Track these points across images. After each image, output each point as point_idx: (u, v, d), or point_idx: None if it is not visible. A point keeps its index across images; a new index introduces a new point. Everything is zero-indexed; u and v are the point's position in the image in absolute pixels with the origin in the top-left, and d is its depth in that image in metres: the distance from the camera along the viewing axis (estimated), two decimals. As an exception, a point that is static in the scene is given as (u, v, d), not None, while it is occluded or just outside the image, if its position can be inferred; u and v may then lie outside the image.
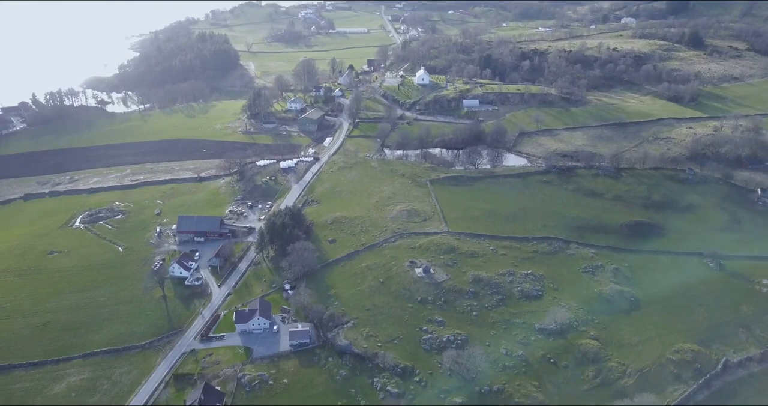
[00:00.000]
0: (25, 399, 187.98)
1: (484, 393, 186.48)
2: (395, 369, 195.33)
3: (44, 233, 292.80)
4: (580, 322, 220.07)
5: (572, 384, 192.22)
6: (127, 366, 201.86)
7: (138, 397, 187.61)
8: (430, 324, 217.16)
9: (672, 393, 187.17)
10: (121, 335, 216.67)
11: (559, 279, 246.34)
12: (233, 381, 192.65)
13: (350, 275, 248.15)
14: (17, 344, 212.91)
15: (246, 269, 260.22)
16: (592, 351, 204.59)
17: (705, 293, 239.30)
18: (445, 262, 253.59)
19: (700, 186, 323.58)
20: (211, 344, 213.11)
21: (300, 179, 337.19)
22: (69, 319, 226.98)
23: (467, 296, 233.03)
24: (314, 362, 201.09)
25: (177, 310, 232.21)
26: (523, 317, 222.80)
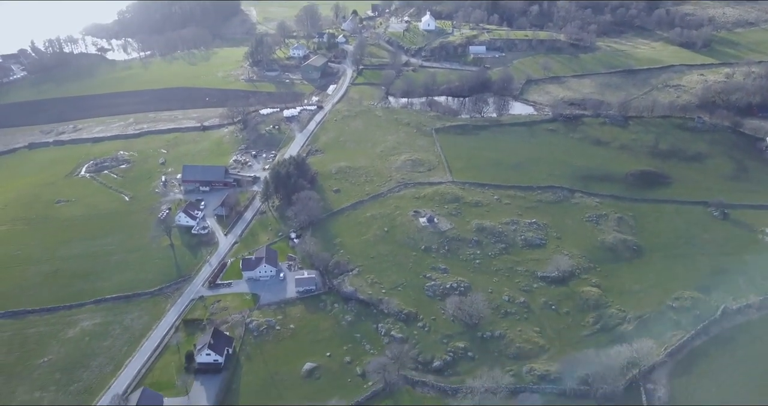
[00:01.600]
0: (41, 343, 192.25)
1: (485, 338, 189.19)
2: (399, 315, 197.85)
3: (50, 182, 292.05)
4: (582, 270, 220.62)
5: (572, 330, 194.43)
6: (137, 312, 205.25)
7: (149, 341, 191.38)
8: (433, 272, 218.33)
9: (670, 339, 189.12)
10: (131, 282, 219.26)
11: (562, 228, 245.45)
12: (241, 326, 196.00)
13: (355, 225, 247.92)
14: (30, 291, 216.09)
15: (252, 217, 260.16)
16: (593, 298, 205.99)
17: (708, 242, 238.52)
18: (449, 211, 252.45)
19: (708, 134, 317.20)
20: (218, 291, 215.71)
21: (304, 128, 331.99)
22: (79, 266, 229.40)
23: (471, 245, 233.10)
24: (320, 308, 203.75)
25: (184, 258, 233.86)
26: (525, 265, 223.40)
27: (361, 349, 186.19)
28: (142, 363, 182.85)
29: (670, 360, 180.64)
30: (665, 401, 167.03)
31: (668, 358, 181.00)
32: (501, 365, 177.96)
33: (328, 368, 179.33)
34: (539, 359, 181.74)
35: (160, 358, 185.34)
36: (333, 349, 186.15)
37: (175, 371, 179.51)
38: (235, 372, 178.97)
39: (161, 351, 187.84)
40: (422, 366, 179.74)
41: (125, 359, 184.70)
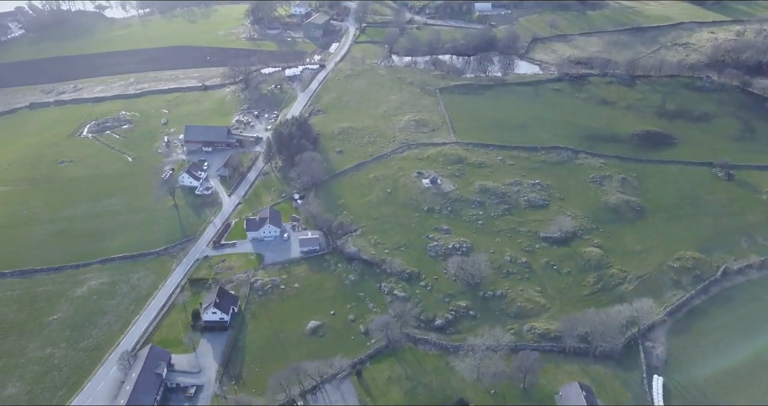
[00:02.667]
0: (50, 301, 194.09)
1: (487, 298, 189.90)
2: (402, 274, 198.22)
3: (53, 142, 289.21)
4: (585, 230, 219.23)
5: (573, 289, 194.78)
6: (143, 271, 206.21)
7: (156, 300, 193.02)
8: (436, 232, 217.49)
9: (670, 298, 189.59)
10: (136, 242, 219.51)
11: (565, 189, 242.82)
12: (246, 286, 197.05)
13: (358, 186, 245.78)
14: (37, 250, 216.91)
15: (255, 178, 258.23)
16: (595, 259, 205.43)
17: (711, 203, 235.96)
18: (453, 172, 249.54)
19: (716, 94, 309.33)
20: (223, 251, 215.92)
21: (306, 88, 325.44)
22: (85, 226, 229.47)
23: (473, 206, 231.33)
24: (324, 268, 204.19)
25: (189, 218, 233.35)
26: (528, 225, 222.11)
27: (365, 307, 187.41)
28: (149, 321, 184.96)
29: (670, 319, 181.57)
30: (663, 359, 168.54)
31: (667, 317, 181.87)
32: (502, 323, 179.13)
33: (331, 326, 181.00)
34: (540, 318, 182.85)
35: (167, 316, 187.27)
36: (337, 307, 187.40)
37: (182, 328, 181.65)
38: (240, 330, 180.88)
39: (168, 310, 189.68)
40: (424, 324, 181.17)
41: (133, 317, 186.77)
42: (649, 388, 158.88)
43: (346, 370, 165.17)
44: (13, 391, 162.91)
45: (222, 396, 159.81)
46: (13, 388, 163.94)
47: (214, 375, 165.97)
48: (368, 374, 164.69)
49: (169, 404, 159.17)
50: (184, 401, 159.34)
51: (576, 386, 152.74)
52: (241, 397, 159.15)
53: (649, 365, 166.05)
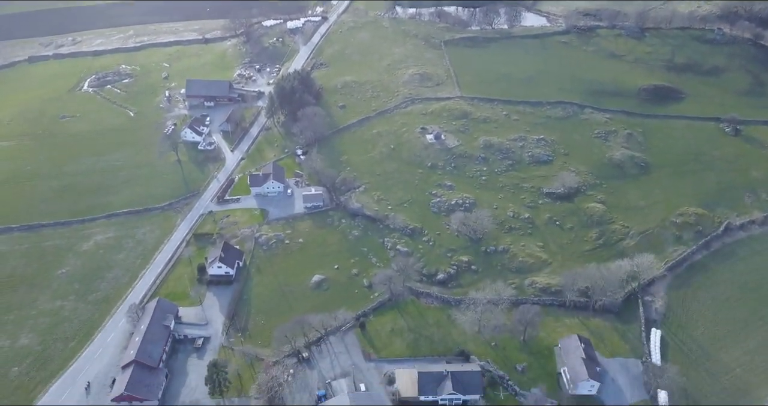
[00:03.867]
0: (58, 255, 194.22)
1: (489, 253, 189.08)
2: (405, 230, 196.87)
3: (54, 97, 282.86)
4: (588, 186, 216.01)
5: (575, 245, 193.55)
6: (149, 226, 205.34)
7: (162, 254, 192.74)
8: (439, 188, 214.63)
9: (671, 254, 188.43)
10: (141, 198, 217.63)
11: (570, 144, 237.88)
12: (251, 241, 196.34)
13: (361, 142, 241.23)
14: (42, 205, 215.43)
15: (257, 134, 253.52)
16: (598, 214, 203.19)
17: (717, 158, 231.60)
18: (457, 128, 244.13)
19: (727, 47, 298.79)
20: (227, 206, 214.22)
21: (308, 41, 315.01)
22: (89, 182, 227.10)
23: (477, 161, 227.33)
24: (328, 224, 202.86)
25: (192, 174, 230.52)
26: (531, 181, 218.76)
27: (368, 262, 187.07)
28: (156, 275, 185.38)
29: (670, 274, 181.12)
30: (662, 313, 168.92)
31: (668, 272, 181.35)
32: (503, 278, 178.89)
33: (335, 280, 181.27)
34: (541, 273, 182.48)
35: (173, 270, 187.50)
36: (341, 262, 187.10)
37: (188, 282, 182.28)
38: (246, 284, 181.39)
39: (174, 264, 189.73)
40: (427, 278, 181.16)
41: (140, 271, 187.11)
42: (647, 341, 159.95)
43: (349, 322, 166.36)
44: (26, 342, 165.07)
45: (229, 347, 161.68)
46: (25, 339, 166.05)
47: (221, 327, 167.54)
48: (371, 326, 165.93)
49: (178, 354, 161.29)
50: (192, 352, 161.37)
51: (575, 339, 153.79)
52: (248, 348, 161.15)
53: (647, 318, 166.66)
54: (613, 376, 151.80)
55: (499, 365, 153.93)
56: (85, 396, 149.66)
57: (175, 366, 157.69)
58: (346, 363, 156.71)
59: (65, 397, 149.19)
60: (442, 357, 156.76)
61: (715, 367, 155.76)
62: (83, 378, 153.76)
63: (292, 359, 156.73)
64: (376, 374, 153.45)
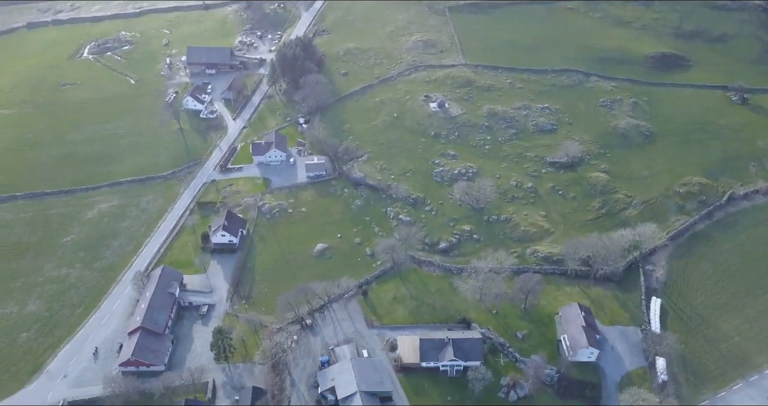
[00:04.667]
0: (62, 223, 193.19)
1: (491, 222, 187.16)
2: (407, 199, 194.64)
3: (54, 64, 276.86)
4: (592, 156, 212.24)
5: (578, 214, 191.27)
6: (152, 195, 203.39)
7: (166, 223, 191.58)
8: (442, 158, 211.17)
9: (674, 223, 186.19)
10: (144, 166, 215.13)
11: (575, 113, 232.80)
12: (254, 209, 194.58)
13: (364, 110, 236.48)
14: (46, 174, 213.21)
15: (259, 102, 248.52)
16: (601, 183, 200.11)
17: (722, 128, 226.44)
18: (461, 96, 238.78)
19: (737, 13, 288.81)
20: (230, 175, 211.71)
21: (310, 7, 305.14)
22: (91, 150, 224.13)
23: (481, 130, 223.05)
24: (330, 193, 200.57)
25: (194, 142, 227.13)
26: (535, 150, 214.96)
27: (371, 231, 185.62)
28: (160, 243, 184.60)
29: (672, 243, 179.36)
30: (662, 282, 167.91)
31: (670, 241, 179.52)
32: (505, 247, 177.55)
33: (339, 249, 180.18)
34: (543, 242, 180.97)
35: (177, 238, 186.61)
36: (343, 231, 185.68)
37: (192, 250, 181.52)
38: (249, 252, 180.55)
39: (178, 232, 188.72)
40: (429, 247, 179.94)
41: (144, 239, 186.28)
42: (646, 309, 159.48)
43: (352, 290, 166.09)
44: (34, 308, 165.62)
45: (233, 314, 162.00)
46: (33, 305, 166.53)
47: (225, 295, 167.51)
48: (374, 294, 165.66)
49: (183, 321, 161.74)
50: (197, 319, 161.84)
51: (575, 307, 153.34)
52: (252, 315, 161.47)
53: (648, 287, 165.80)
54: (613, 344, 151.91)
55: (499, 332, 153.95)
56: (93, 361, 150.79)
57: (181, 332, 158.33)
58: (349, 330, 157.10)
59: (73, 362, 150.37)
60: (443, 324, 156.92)
61: (714, 335, 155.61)
62: (91, 344, 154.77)
63: (296, 326, 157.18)
64: (378, 341, 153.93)
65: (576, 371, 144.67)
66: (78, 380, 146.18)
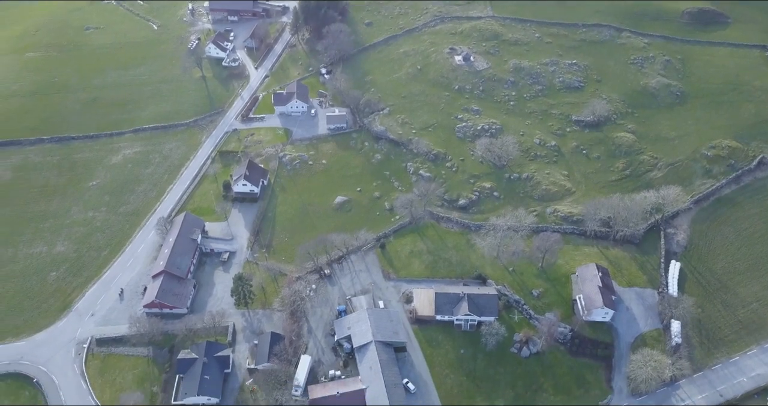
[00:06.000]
0: (88, 168, 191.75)
1: (512, 180, 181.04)
2: (428, 155, 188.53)
3: (77, 7, 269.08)
4: (619, 115, 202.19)
5: (601, 174, 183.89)
6: (175, 142, 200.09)
7: (188, 170, 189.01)
8: (465, 113, 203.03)
9: (699, 187, 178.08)
10: (167, 113, 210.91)
11: (604, 70, 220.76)
12: (275, 160, 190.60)
13: (387, 61, 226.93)
14: (72, 118, 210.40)
15: (282, 51, 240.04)
16: (626, 144, 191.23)
17: (757, 89, 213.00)
18: (487, 49, 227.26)
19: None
20: (251, 124, 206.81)
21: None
22: (115, 95, 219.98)
23: (506, 86, 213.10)
24: (351, 146, 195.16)
25: (216, 90, 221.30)
26: (560, 108, 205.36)
27: (390, 185, 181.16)
28: (182, 190, 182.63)
29: (695, 207, 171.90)
30: (683, 246, 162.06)
31: (693, 205, 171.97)
32: (525, 205, 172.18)
33: (358, 202, 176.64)
34: (564, 201, 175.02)
35: (199, 186, 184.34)
36: (363, 185, 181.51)
37: (214, 198, 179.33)
38: (270, 202, 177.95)
39: (200, 180, 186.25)
40: (448, 204, 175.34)
41: (167, 186, 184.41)
42: (665, 272, 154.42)
43: (370, 243, 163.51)
44: (62, 249, 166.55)
45: (253, 262, 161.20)
46: (61, 246, 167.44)
47: (246, 243, 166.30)
48: (391, 247, 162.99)
49: (205, 267, 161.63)
50: (218, 266, 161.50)
51: (593, 268, 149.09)
52: (271, 263, 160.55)
53: (668, 250, 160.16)
54: (628, 305, 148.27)
55: (515, 289, 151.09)
56: (119, 302, 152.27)
57: (203, 278, 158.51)
58: (366, 281, 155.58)
59: (100, 302, 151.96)
60: (459, 280, 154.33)
61: (732, 300, 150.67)
62: (116, 285, 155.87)
63: (314, 276, 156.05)
64: (394, 293, 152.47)
65: (590, 330, 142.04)
66: (105, 318, 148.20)
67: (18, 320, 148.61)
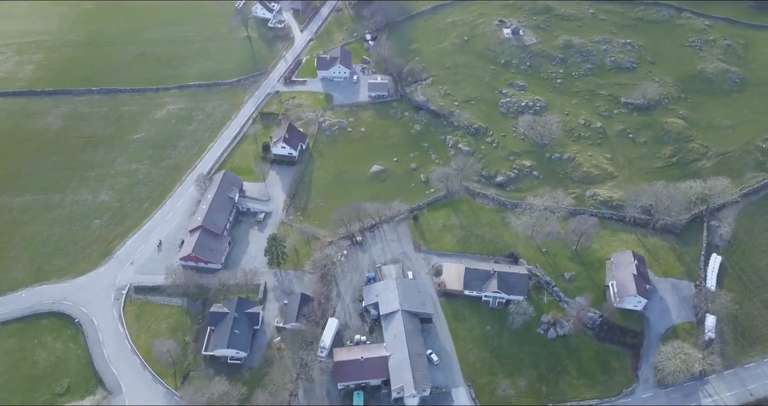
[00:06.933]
0: (133, 121, 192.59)
1: (553, 160, 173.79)
2: (469, 129, 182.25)
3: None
4: (671, 100, 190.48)
5: (646, 160, 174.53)
6: (218, 100, 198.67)
7: (229, 130, 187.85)
8: (510, 88, 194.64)
9: (750, 179, 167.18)
10: (212, 71, 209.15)
11: (659, 51, 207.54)
12: (314, 124, 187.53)
13: (433, 30, 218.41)
14: (120, 71, 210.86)
15: (327, 14, 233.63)
16: (676, 130, 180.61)
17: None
18: (537, 23, 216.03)
19: None
20: (293, 87, 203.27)
21: None
22: (163, 51, 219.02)
23: (554, 62, 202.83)
24: (391, 115, 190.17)
25: (261, 51, 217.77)
26: (609, 88, 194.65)
27: (427, 158, 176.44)
28: (223, 148, 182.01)
29: (743, 201, 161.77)
30: (726, 240, 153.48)
31: (741, 198, 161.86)
32: (564, 186, 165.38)
33: (394, 172, 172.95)
34: (604, 185, 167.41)
35: (239, 146, 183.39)
36: (400, 155, 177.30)
37: (253, 159, 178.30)
38: (307, 166, 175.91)
39: (240, 140, 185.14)
40: (485, 180, 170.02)
41: (208, 144, 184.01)
42: (704, 265, 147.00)
43: (403, 214, 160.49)
44: (106, 198, 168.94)
45: (288, 224, 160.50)
46: (105, 195, 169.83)
47: (281, 205, 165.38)
48: (424, 219, 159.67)
49: (240, 225, 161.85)
50: (254, 225, 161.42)
51: (629, 255, 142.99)
52: (305, 226, 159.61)
53: (710, 243, 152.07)
54: (662, 295, 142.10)
55: (546, 270, 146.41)
56: (157, 253, 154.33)
57: (238, 236, 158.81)
58: (397, 251, 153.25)
59: (139, 251, 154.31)
60: (490, 257, 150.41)
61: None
62: (155, 236, 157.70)
63: (346, 242, 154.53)
64: (424, 265, 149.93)
65: (620, 317, 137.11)
66: (143, 267, 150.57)
67: (63, 262, 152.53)
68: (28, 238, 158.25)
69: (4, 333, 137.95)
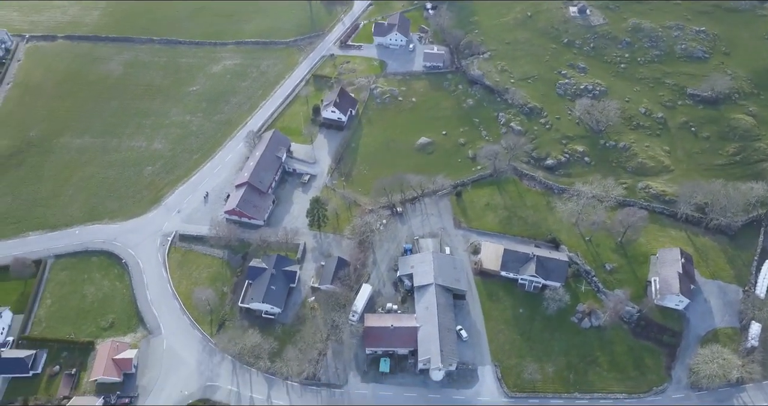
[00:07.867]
0: (190, 73, 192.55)
1: (608, 147, 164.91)
2: (523, 108, 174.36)
3: None
4: (742, 95, 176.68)
5: (706, 156, 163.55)
6: (273, 59, 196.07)
7: (282, 89, 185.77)
8: (570, 69, 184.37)
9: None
10: (268, 30, 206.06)
11: (734, 42, 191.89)
12: (366, 91, 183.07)
13: (496, 3, 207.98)
14: (180, 23, 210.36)
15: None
16: (743, 127, 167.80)
17: None
18: (606, 4, 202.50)
19: None
20: (348, 51, 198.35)
21: None
22: (223, 6, 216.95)
23: (620, 46, 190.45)
24: (444, 87, 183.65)
25: (319, 13, 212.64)
26: (676, 77, 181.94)
27: (477, 134, 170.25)
28: (274, 108, 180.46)
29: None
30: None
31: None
32: (616, 176, 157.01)
33: (441, 146, 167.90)
34: (659, 178, 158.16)
35: (290, 106, 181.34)
36: (449, 129, 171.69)
37: (302, 120, 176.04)
38: (355, 133, 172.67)
39: (291, 100, 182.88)
40: (534, 161, 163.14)
41: (260, 101, 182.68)
42: (756, 271, 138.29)
43: (447, 189, 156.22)
44: (159, 146, 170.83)
45: (331, 188, 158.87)
46: (159, 144, 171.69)
47: (327, 169, 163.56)
48: (467, 196, 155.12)
49: (285, 185, 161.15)
50: (298, 186, 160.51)
51: (676, 252, 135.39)
52: (348, 192, 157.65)
53: (764, 249, 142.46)
54: (707, 297, 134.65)
55: (588, 260, 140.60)
56: (203, 204, 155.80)
57: (282, 195, 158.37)
58: (436, 225, 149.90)
59: (187, 201, 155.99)
60: (531, 240, 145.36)
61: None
62: (203, 188, 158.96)
63: (387, 211, 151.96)
64: (462, 242, 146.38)
65: (659, 314, 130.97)
66: (189, 217, 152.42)
67: (115, 204, 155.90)
68: (85, 178, 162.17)
69: (57, 266, 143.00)
